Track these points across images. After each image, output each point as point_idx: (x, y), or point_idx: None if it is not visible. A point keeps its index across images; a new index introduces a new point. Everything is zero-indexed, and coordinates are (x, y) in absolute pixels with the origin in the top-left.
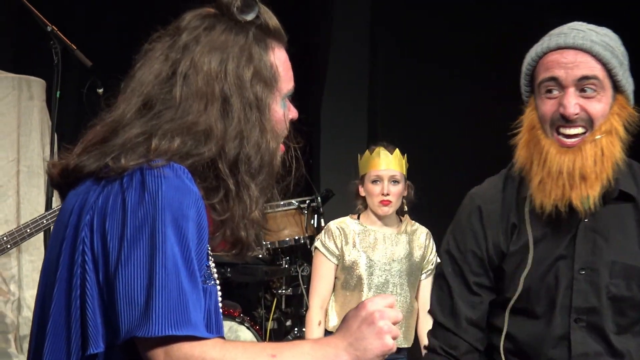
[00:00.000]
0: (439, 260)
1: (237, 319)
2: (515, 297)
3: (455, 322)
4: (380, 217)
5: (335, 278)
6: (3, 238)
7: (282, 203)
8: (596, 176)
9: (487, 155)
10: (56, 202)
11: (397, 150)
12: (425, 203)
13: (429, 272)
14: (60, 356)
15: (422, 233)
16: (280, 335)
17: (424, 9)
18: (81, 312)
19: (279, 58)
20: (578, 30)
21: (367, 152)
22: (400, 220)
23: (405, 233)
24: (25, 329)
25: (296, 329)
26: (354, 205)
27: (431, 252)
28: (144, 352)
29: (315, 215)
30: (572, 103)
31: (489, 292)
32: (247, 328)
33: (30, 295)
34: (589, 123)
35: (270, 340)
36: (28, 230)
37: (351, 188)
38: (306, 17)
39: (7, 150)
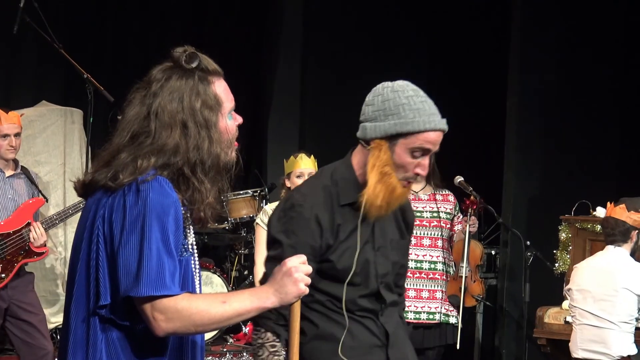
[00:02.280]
0: None
1: (211, 270)
2: (351, 274)
3: None
4: None
5: None
6: (54, 216)
7: (241, 192)
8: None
9: None
10: None
11: (311, 156)
12: None
13: None
14: (82, 301)
15: None
16: (240, 280)
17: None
18: (95, 275)
19: (219, 87)
20: (434, 107)
21: (291, 157)
22: None
23: None
24: None
25: (251, 276)
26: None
27: None
28: (137, 306)
29: (264, 200)
30: (426, 167)
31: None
32: (218, 276)
33: None
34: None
35: (233, 283)
36: (70, 212)
37: (280, 181)
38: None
39: (57, 157)
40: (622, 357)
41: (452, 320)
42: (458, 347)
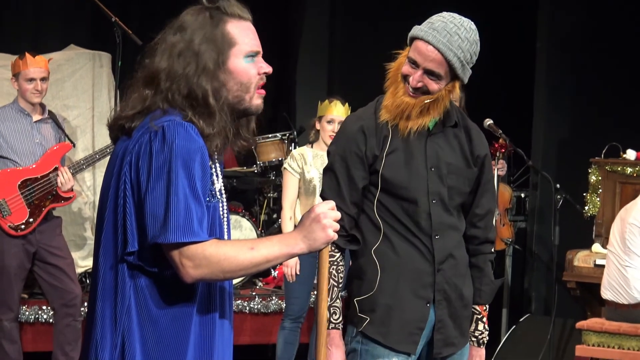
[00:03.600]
0: None
1: (240, 214)
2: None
3: (341, 201)
4: (327, 145)
5: (299, 187)
6: (81, 161)
7: (270, 135)
8: (421, 115)
9: None
10: None
11: (346, 104)
12: None
13: None
14: (110, 248)
15: None
16: (269, 224)
17: None
18: (123, 221)
19: (234, 28)
20: (446, 32)
21: (326, 101)
22: None
23: None
24: None
25: (279, 219)
26: (310, 133)
27: None
28: (165, 252)
29: (293, 144)
30: (417, 79)
31: (363, 180)
32: (247, 220)
33: None
34: (427, 92)
35: (262, 227)
36: (97, 157)
37: (311, 123)
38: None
39: (85, 101)
40: None
41: None
42: None
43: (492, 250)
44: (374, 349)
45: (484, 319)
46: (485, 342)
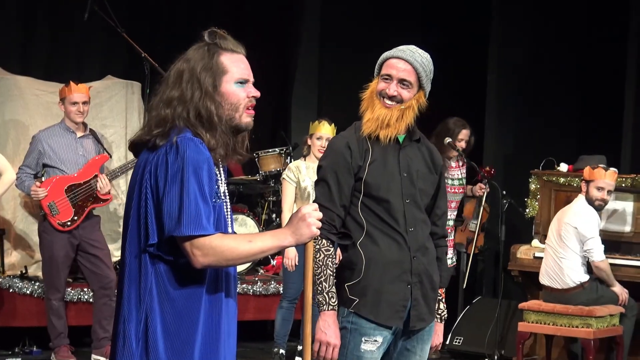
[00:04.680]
0: None
1: (245, 214)
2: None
3: (332, 204)
4: (317, 158)
5: (295, 194)
6: (116, 169)
7: (270, 150)
8: (395, 125)
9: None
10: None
11: (332, 124)
12: None
13: None
14: (135, 241)
15: None
16: (269, 222)
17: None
18: (145, 219)
19: (227, 59)
20: (410, 51)
21: (316, 121)
22: None
23: None
24: None
25: (278, 219)
26: (303, 148)
27: None
28: (179, 244)
29: (289, 157)
30: (393, 89)
31: (350, 187)
32: (251, 219)
33: None
34: (400, 101)
35: (263, 224)
36: (129, 166)
37: (303, 139)
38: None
39: (120, 121)
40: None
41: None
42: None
43: (447, 244)
44: (362, 327)
45: (443, 300)
46: (445, 318)
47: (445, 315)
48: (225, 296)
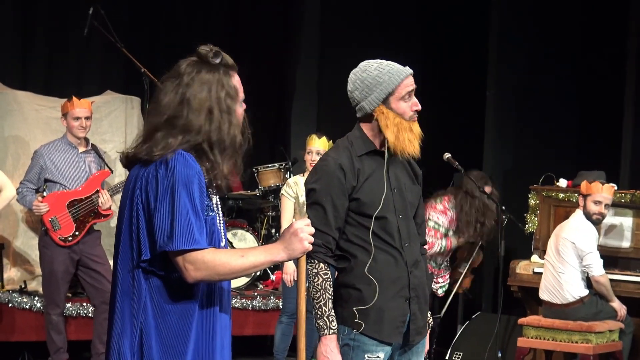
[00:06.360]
0: None
1: (244, 229)
2: (378, 209)
3: (328, 227)
4: None
5: (294, 209)
6: (117, 185)
7: (269, 165)
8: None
9: None
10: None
11: (323, 137)
12: None
13: None
14: (127, 256)
15: None
16: (268, 237)
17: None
18: (137, 235)
19: (236, 80)
20: (403, 66)
21: (308, 137)
22: None
23: None
24: None
25: (277, 234)
26: (303, 163)
27: None
28: (172, 258)
29: (288, 172)
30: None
31: (345, 208)
32: (250, 234)
33: None
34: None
35: (263, 239)
36: None
37: (301, 154)
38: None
39: (119, 136)
40: None
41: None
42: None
43: (426, 251)
44: (365, 344)
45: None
46: (431, 325)
47: (431, 323)
48: (219, 310)
